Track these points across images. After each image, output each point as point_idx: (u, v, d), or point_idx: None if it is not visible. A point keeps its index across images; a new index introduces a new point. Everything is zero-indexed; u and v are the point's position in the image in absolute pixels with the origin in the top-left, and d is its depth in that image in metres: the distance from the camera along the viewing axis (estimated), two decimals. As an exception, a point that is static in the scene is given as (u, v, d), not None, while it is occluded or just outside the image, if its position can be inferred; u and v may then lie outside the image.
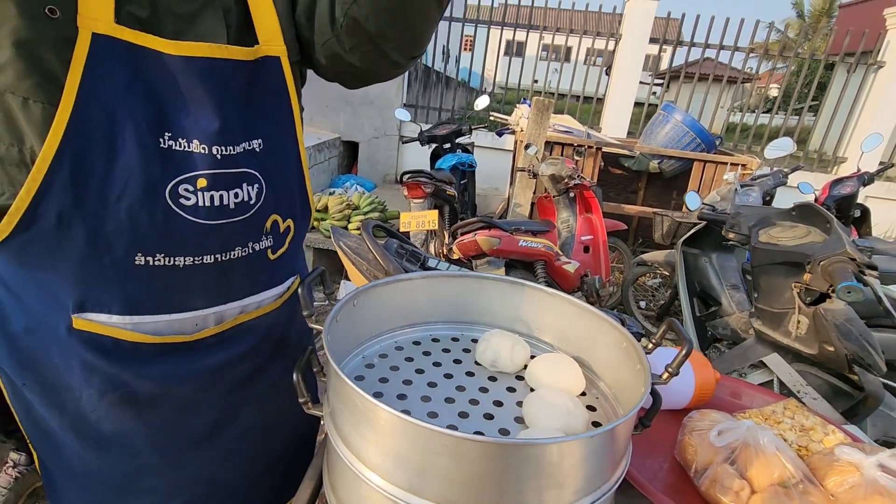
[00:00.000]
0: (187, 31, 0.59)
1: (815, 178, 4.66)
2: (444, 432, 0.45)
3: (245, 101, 0.64)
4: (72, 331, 0.63)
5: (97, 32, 0.53)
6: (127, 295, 0.63)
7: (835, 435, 0.79)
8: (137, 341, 0.65)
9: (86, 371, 0.64)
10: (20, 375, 0.66)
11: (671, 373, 0.59)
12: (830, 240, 1.29)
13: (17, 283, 0.63)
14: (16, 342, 0.64)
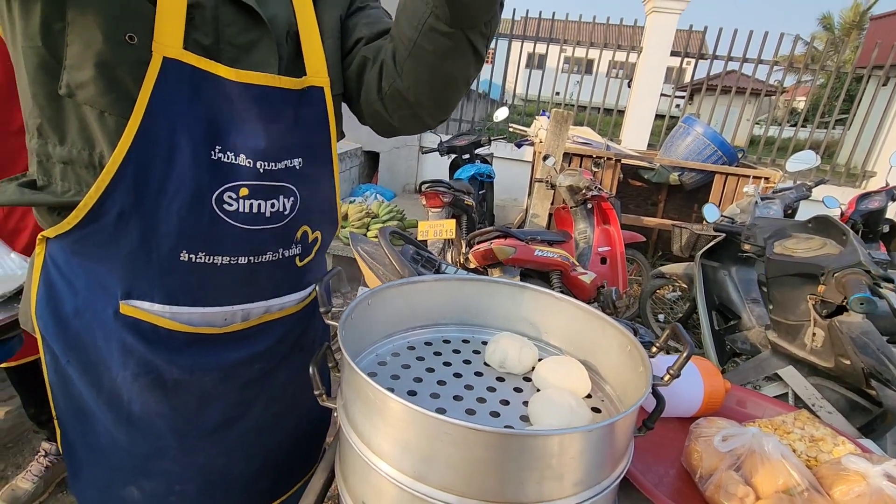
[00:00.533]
0: (243, 59, 0.66)
1: (842, 193, 4.55)
2: (450, 421, 0.48)
3: (290, 124, 0.71)
4: (118, 315, 0.69)
5: (167, 56, 0.59)
6: (169, 287, 0.70)
7: (845, 446, 0.79)
8: (173, 329, 0.72)
9: (124, 353, 0.71)
10: (65, 353, 0.73)
11: (672, 375, 0.60)
12: (846, 252, 1.27)
13: (71, 270, 0.70)
14: (65, 322, 0.71)
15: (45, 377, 0.76)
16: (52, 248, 0.71)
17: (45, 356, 0.75)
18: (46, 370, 0.75)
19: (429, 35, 0.65)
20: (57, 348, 0.73)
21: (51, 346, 0.74)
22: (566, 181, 2.96)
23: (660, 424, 0.88)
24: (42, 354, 0.75)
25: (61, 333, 0.72)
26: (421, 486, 0.52)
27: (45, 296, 0.72)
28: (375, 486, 0.57)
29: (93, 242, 0.66)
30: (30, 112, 0.64)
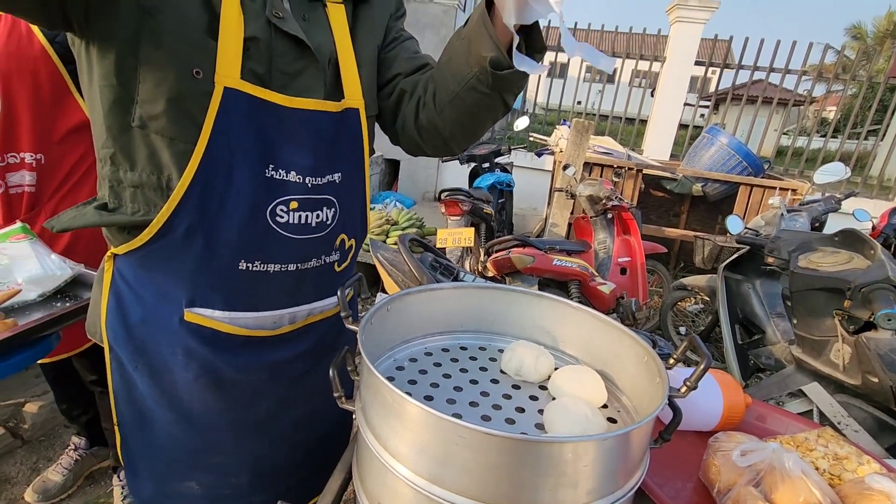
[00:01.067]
0: (291, 85, 0.72)
1: (874, 206, 4.41)
2: (466, 425, 0.49)
3: (332, 142, 0.78)
4: (182, 322, 0.77)
5: (227, 86, 0.66)
6: (228, 294, 0.77)
7: (870, 465, 0.77)
8: (231, 333, 0.79)
9: (187, 357, 0.78)
10: (133, 359, 0.80)
11: (689, 386, 0.60)
12: (873, 266, 1.24)
13: (138, 283, 0.78)
14: (133, 331, 0.78)
15: (110, 385, 0.83)
16: (121, 264, 0.78)
17: (112, 364, 0.82)
18: (112, 378, 0.82)
19: (470, 92, 0.74)
20: (124, 356, 0.79)
21: (118, 354, 0.80)
22: (586, 191, 2.95)
23: (678, 438, 0.87)
24: (108, 363, 0.81)
25: (129, 341, 0.78)
26: (436, 489, 0.53)
27: (115, 307, 0.79)
28: (392, 487, 0.58)
29: (161, 256, 0.73)
30: (103, 143, 0.70)
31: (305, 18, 0.75)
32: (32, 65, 1.16)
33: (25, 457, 1.79)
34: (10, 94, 1.16)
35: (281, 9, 0.71)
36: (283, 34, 0.71)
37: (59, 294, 1.03)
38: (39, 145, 1.23)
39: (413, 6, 5.06)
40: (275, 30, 0.70)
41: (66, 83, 1.23)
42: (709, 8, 5.08)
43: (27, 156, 1.23)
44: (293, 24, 0.72)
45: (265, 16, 0.69)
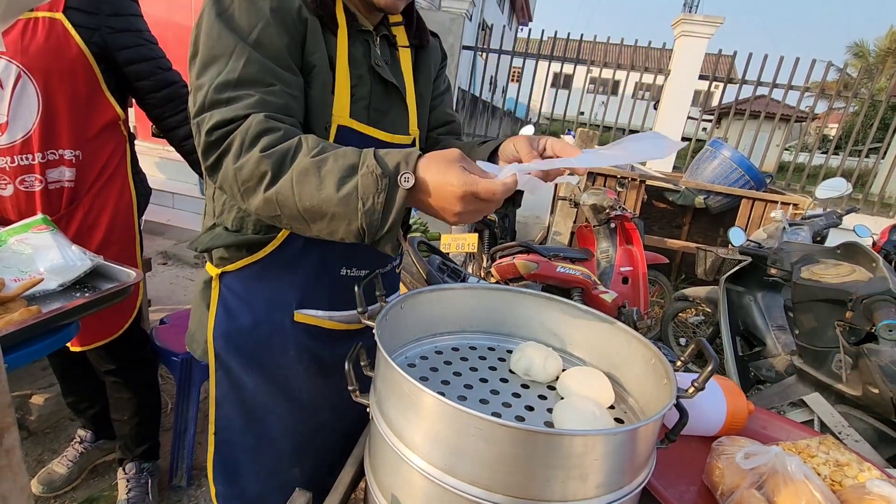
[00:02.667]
0: (382, 121, 0.87)
1: (875, 222, 4.44)
2: (481, 416, 0.51)
3: None
4: (293, 322, 0.89)
5: (340, 124, 0.81)
6: (331, 296, 0.91)
7: (871, 472, 0.78)
8: (332, 328, 0.93)
9: (299, 351, 0.91)
10: (246, 363, 0.91)
11: (697, 387, 0.62)
12: (875, 279, 1.26)
13: (250, 293, 0.89)
14: (244, 336, 0.90)
15: (212, 396, 0.93)
16: (230, 280, 0.90)
17: (217, 374, 0.92)
18: (216, 388, 0.93)
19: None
20: (236, 362, 0.91)
21: (227, 362, 0.91)
22: (590, 200, 2.98)
23: (682, 442, 0.89)
24: (213, 374, 0.92)
25: (242, 347, 0.90)
26: (450, 479, 0.55)
27: (224, 318, 0.90)
28: (406, 478, 0.60)
29: (278, 266, 0.86)
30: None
31: (388, 63, 0.88)
32: (70, 64, 1.19)
33: (31, 448, 1.80)
34: (50, 92, 1.19)
35: (379, 59, 0.85)
36: (380, 79, 0.85)
37: (79, 284, 1.05)
38: (77, 142, 1.27)
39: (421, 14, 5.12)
40: (374, 76, 0.84)
41: (99, 81, 1.26)
42: (713, 23, 5.14)
43: (67, 152, 1.26)
44: (388, 72, 0.86)
45: (367, 64, 0.83)
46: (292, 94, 0.74)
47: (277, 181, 0.65)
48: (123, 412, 1.55)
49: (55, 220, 1.18)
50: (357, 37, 0.83)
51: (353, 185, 0.62)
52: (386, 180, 0.62)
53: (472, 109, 7.05)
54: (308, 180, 0.64)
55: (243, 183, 0.67)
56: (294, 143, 0.67)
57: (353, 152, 0.66)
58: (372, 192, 0.62)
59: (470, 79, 6.33)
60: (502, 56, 5.60)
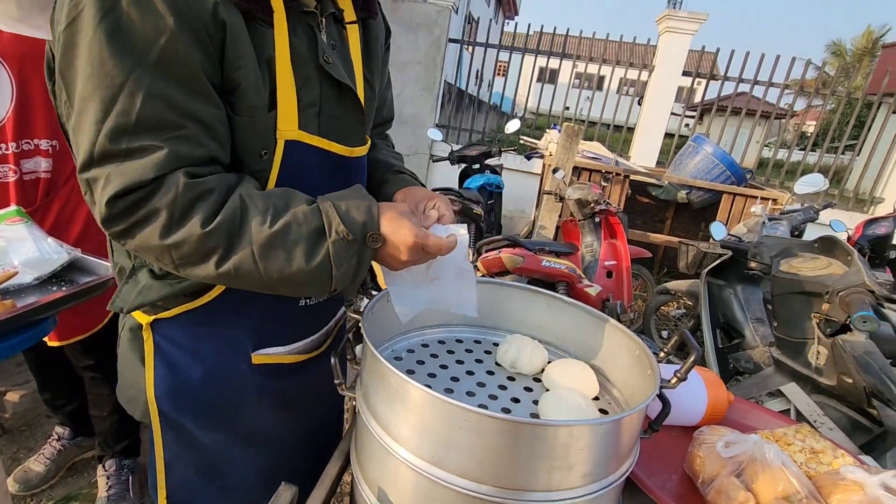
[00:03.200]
0: (335, 130, 0.75)
1: (850, 217, 4.55)
2: (469, 408, 0.51)
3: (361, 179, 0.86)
4: (251, 366, 0.80)
5: (289, 139, 0.69)
6: (290, 330, 0.84)
7: (844, 458, 0.81)
8: (294, 361, 0.85)
9: (259, 394, 0.81)
10: (199, 421, 0.78)
11: (679, 378, 0.63)
12: (850, 272, 1.30)
13: (194, 342, 0.76)
14: (195, 391, 0.76)
15: (159, 459, 0.79)
16: (168, 329, 0.74)
17: (163, 436, 0.77)
18: (164, 450, 0.78)
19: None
20: (188, 420, 0.77)
21: (177, 421, 0.77)
22: (575, 194, 2.99)
23: (665, 432, 0.91)
24: (157, 437, 0.77)
25: (192, 403, 0.77)
26: (437, 471, 0.55)
27: (167, 375, 0.75)
28: (393, 471, 0.60)
29: (229, 307, 0.75)
30: None
31: (335, 47, 0.73)
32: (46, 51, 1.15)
33: (6, 446, 1.76)
34: (25, 80, 1.15)
35: (328, 53, 0.70)
36: (331, 79, 0.71)
37: (56, 278, 1.02)
38: (54, 131, 1.23)
39: (407, 6, 5.07)
40: (324, 76, 0.70)
41: None
42: (697, 20, 5.20)
43: (43, 142, 1.22)
44: (340, 70, 0.72)
45: (315, 61, 0.69)
46: (211, 134, 0.60)
47: (231, 256, 0.59)
48: (103, 408, 1.52)
49: (30, 212, 1.15)
50: (298, 23, 0.67)
51: (325, 253, 0.60)
52: (356, 245, 0.61)
53: (459, 103, 7.03)
54: (274, 255, 0.59)
55: (182, 258, 0.59)
56: (237, 205, 0.59)
57: (312, 212, 0.61)
58: (345, 258, 0.61)
59: (456, 72, 6.30)
60: (488, 50, 5.58)
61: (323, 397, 0.95)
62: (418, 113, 5.35)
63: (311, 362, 0.89)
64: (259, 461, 0.86)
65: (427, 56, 5.20)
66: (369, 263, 0.64)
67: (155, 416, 0.76)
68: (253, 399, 0.81)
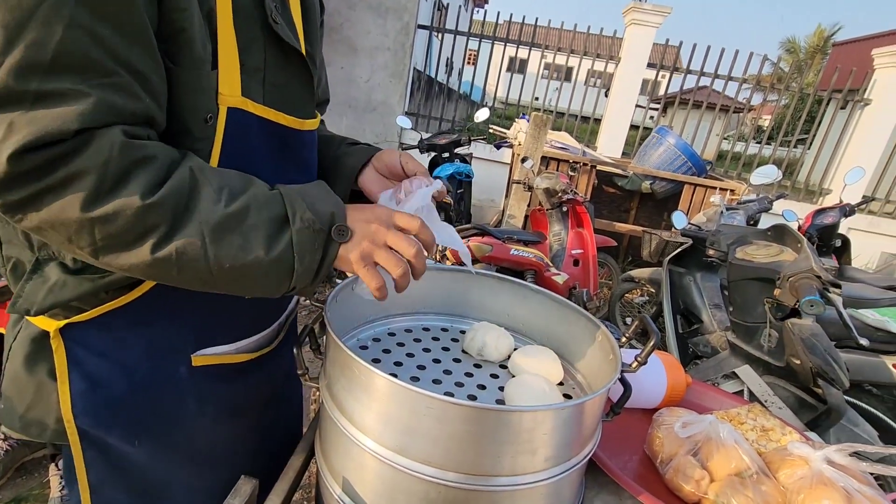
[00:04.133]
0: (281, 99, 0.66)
1: (801, 208, 4.79)
2: (433, 396, 0.51)
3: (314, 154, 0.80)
4: (191, 369, 0.69)
5: (231, 107, 0.60)
6: (235, 325, 0.73)
7: (791, 435, 0.85)
8: (241, 361, 0.75)
9: (200, 402, 0.71)
10: (129, 436, 0.67)
11: (640, 362, 0.65)
12: (800, 258, 1.37)
13: (118, 346, 0.64)
14: (120, 403, 0.65)
15: (82, 483, 0.67)
16: (80, 334, 0.63)
17: (86, 455, 0.66)
18: (87, 473, 0.67)
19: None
20: (114, 438, 0.66)
21: (100, 440, 0.66)
22: (543, 184, 3.03)
23: (626, 415, 0.93)
24: (78, 458, 0.66)
25: (119, 417, 0.66)
26: (402, 459, 0.55)
27: (86, 389, 0.63)
28: (357, 460, 0.59)
29: (164, 303, 0.64)
30: None
31: (277, 9, 0.64)
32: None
33: (-55, 449, 1.65)
34: None
35: (275, 11, 0.63)
36: (277, 41, 0.63)
37: None
38: None
39: (375, -10, 4.96)
40: (270, 37, 0.62)
41: None
42: (662, 12, 5.30)
43: None
44: (287, 31, 0.64)
45: (261, 20, 0.61)
46: (147, 87, 0.50)
47: (174, 237, 0.49)
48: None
49: None
50: None
51: (287, 243, 0.53)
52: (322, 236, 0.55)
53: (428, 91, 6.97)
54: (228, 239, 0.50)
55: (108, 238, 0.47)
56: (185, 178, 0.50)
57: (274, 197, 0.54)
58: (309, 249, 0.54)
59: (426, 60, 6.24)
60: (458, 38, 5.54)
61: (278, 399, 0.88)
62: (387, 100, 5.27)
63: (262, 361, 0.79)
64: (206, 478, 0.75)
65: (396, 42, 5.12)
66: (332, 261, 0.57)
67: (74, 438, 0.64)
68: (193, 407, 0.70)
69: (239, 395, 0.77)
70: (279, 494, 0.65)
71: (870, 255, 5.01)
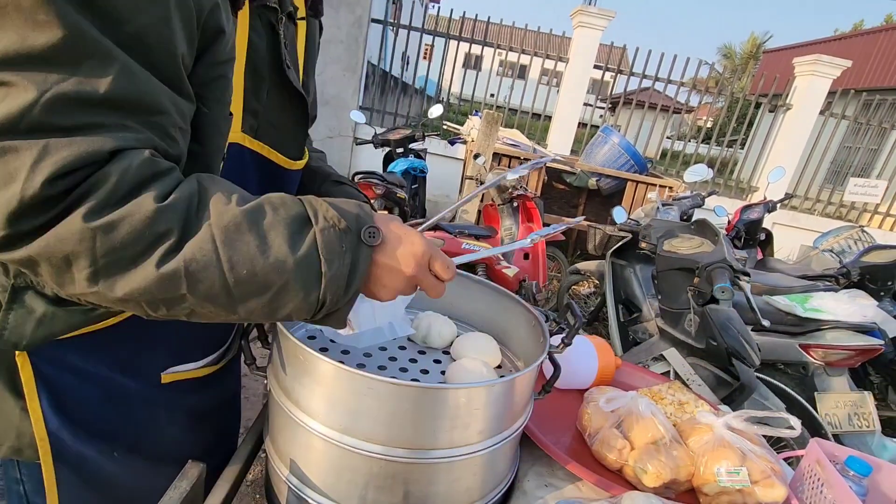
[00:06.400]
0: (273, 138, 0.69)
1: (732, 204, 5.15)
2: (374, 377, 0.55)
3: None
4: (160, 386, 0.70)
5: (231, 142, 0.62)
6: (206, 342, 0.75)
7: (703, 407, 0.95)
8: (208, 373, 0.77)
9: (170, 413, 0.72)
10: (104, 450, 0.67)
11: (565, 343, 0.72)
12: (716, 250, 1.51)
13: (89, 364, 0.63)
14: (93, 419, 0.65)
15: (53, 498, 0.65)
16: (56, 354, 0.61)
17: (58, 475, 0.64)
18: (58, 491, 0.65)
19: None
20: (90, 452, 0.66)
21: (75, 457, 0.65)
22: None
23: (562, 395, 1.01)
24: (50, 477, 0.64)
25: (93, 434, 0.66)
26: (347, 439, 0.59)
27: (56, 407, 0.62)
28: (304, 442, 0.62)
29: (136, 325, 0.62)
30: None
31: (287, 48, 0.65)
32: None
33: None
34: None
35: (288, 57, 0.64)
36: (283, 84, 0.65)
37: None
38: None
39: (327, -19, 4.88)
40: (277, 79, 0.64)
41: None
42: (606, 16, 5.53)
43: None
44: (296, 77, 0.66)
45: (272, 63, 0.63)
46: (182, 128, 0.50)
47: (182, 246, 0.44)
48: None
49: None
50: (259, 18, 0.60)
51: (311, 243, 0.47)
52: (350, 237, 0.49)
53: (383, 85, 6.92)
54: (243, 240, 0.45)
55: (111, 252, 0.42)
56: (194, 187, 0.47)
57: (290, 198, 0.50)
58: (338, 252, 0.48)
59: (380, 54, 6.20)
60: (412, 33, 5.54)
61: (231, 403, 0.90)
62: (340, 94, 5.21)
63: (222, 370, 0.80)
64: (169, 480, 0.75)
65: (349, 35, 5.06)
66: (366, 269, 0.50)
67: (47, 455, 0.62)
68: (164, 419, 0.72)
69: (204, 401, 0.78)
70: (228, 480, 0.67)
71: (791, 248, 5.46)
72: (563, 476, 0.81)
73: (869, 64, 9.34)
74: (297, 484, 0.63)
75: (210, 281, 0.45)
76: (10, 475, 0.64)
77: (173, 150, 0.49)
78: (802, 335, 1.86)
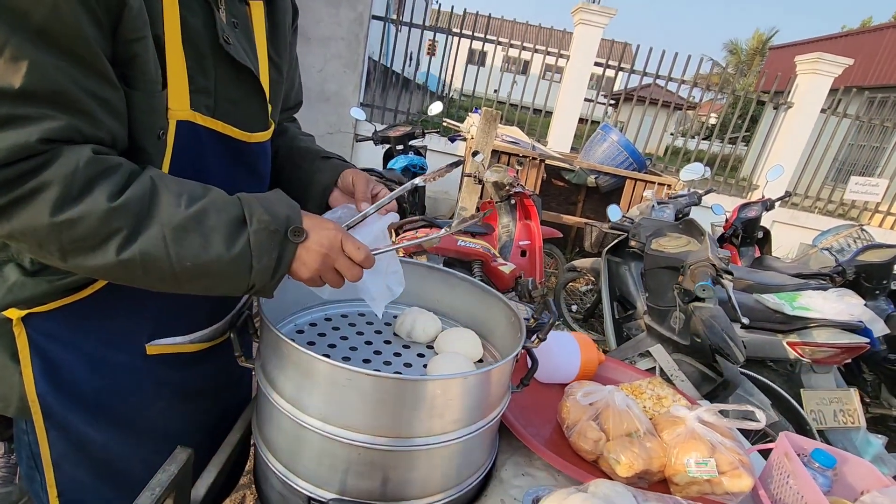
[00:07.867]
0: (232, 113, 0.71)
1: (732, 202, 5.16)
2: (353, 369, 0.58)
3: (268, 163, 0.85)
4: (146, 357, 0.74)
5: (181, 120, 0.64)
6: (190, 317, 0.78)
7: (680, 402, 0.98)
8: (195, 350, 0.80)
9: (156, 386, 0.76)
10: (89, 417, 0.72)
11: (540, 339, 0.75)
12: (701, 248, 1.54)
13: (78, 335, 0.69)
14: (81, 386, 0.70)
15: (46, 459, 0.72)
16: (40, 323, 0.68)
17: (49, 435, 0.71)
18: (49, 449, 0.72)
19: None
20: (77, 418, 0.71)
21: (62, 419, 0.71)
22: (492, 177, 3.13)
23: (544, 390, 1.04)
24: (41, 435, 0.71)
25: (80, 398, 0.71)
26: (329, 428, 0.62)
27: (46, 372, 0.68)
28: (288, 431, 0.66)
29: (120, 297, 0.68)
30: None
31: (236, 26, 0.69)
32: None
33: None
34: None
35: (227, 31, 0.66)
36: (229, 60, 0.67)
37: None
38: None
39: (328, -23, 4.89)
40: (220, 56, 0.66)
41: None
42: (608, 13, 5.52)
43: None
44: (240, 51, 0.68)
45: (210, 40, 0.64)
46: (111, 111, 0.56)
47: (137, 239, 0.54)
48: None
49: None
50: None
51: (244, 242, 0.57)
52: (278, 237, 0.59)
53: (384, 82, 6.93)
54: (189, 238, 0.55)
55: (75, 242, 0.52)
56: (147, 185, 0.55)
57: (232, 201, 0.59)
58: (266, 249, 0.59)
59: (381, 50, 6.21)
60: (413, 30, 5.55)
61: (230, 386, 0.92)
62: (341, 90, 5.23)
63: (216, 349, 0.84)
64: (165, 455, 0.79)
65: (350, 32, 5.07)
66: (290, 261, 0.62)
67: (38, 415, 0.70)
68: (150, 392, 0.76)
69: (194, 379, 0.82)
70: (216, 465, 0.71)
71: (791, 246, 5.47)
72: (540, 466, 0.84)
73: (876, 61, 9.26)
74: (283, 471, 0.67)
75: (160, 269, 0.56)
76: (20, 427, 0.73)
77: (104, 133, 0.55)
78: (789, 333, 1.88)
